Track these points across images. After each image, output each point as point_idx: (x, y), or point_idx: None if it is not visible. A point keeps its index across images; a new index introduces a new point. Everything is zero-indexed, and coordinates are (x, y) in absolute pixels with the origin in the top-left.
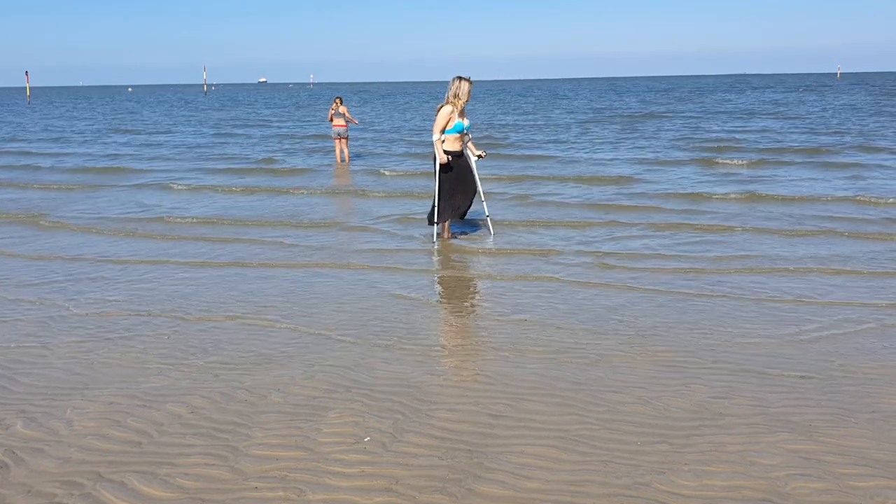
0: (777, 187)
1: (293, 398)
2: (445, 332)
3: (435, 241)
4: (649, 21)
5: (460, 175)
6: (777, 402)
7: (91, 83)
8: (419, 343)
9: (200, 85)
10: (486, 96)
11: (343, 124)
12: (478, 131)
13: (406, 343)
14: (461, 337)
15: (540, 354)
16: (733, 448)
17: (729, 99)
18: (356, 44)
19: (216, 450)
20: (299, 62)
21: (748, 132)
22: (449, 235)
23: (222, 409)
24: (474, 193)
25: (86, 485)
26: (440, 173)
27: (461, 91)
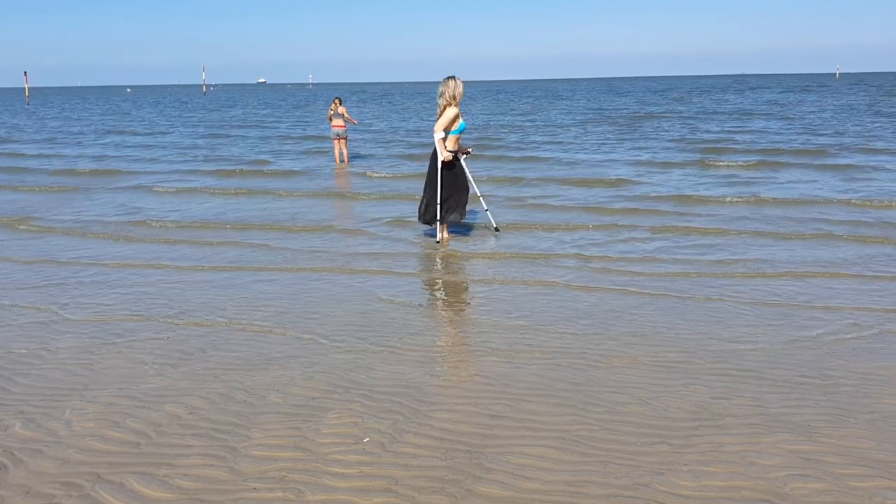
0: (776, 190)
1: (292, 399)
2: (444, 334)
3: (438, 240)
4: (649, 21)
5: (459, 174)
6: (776, 403)
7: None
8: (418, 344)
9: (199, 85)
10: (485, 96)
11: (342, 125)
12: (476, 132)
13: (405, 344)
14: (460, 338)
15: (539, 355)
16: (732, 448)
17: (727, 99)
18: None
19: (215, 450)
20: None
21: (746, 132)
22: (448, 237)
23: (221, 410)
24: (467, 192)
25: (85, 486)
26: (443, 171)
27: (457, 91)
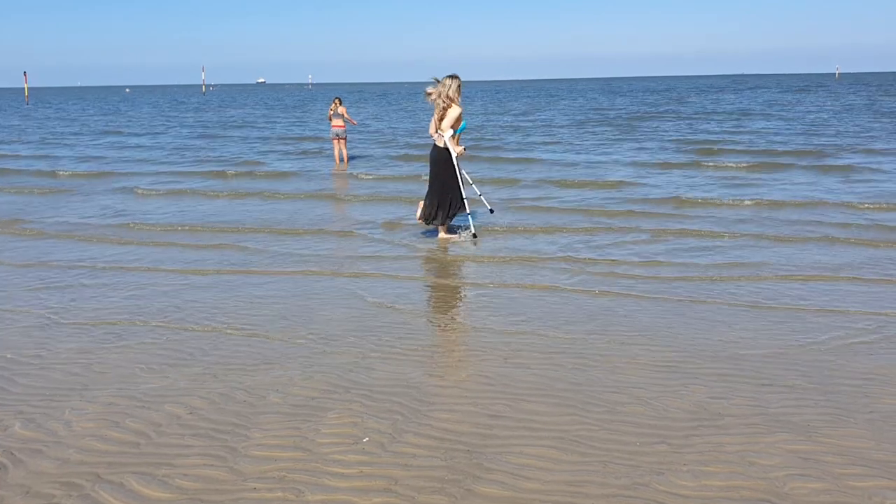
0: (775, 191)
1: (292, 399)
2: (444, 335)
3: (472, 229)
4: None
5: (459, 172)
6: (776, 403)
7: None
8: (417, 345)
9: (199, 85)
10: (484, 96)
11: (341, 125)
12: (475, 132)
13: (404, 345)
14: (459, 339)
15: (538, 356)
16: (732, 448)
17: (726, 99)
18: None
19: (215, 450)
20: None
21: (745, 133)
22: (447, 237)
23: (221, 410)
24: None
25: (84, 486)
26: (457, 165)
27: (451, 90)
